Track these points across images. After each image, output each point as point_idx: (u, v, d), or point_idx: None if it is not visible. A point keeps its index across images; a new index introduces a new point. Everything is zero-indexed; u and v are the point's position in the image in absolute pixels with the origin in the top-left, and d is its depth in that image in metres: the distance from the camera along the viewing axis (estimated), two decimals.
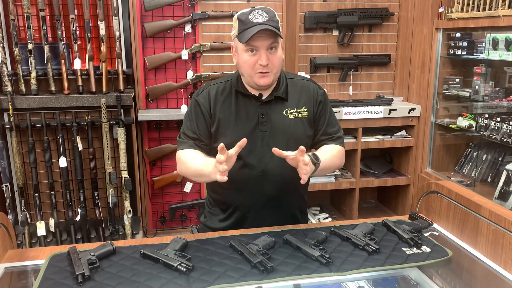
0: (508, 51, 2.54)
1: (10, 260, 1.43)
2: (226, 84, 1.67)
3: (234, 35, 1.58)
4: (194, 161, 1.56)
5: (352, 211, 3.41)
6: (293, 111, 1.65)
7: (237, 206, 1.68)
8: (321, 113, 1.70)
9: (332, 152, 1.66)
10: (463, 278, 1.47)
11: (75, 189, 2.98)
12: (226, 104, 1.64)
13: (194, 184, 3.37)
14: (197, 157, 1.58)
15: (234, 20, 1.57)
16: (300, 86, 1.70)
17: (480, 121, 2.84)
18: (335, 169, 1.79)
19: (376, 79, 3.59)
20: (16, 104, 2.79)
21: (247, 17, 1.51)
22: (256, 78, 1.56)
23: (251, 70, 1.55)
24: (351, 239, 1.48)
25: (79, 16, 3.00)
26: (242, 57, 1.56)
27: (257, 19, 1.50)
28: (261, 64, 1.52)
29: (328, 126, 1.71)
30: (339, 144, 1.71)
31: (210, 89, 1.66)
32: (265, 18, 1.51)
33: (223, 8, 3.17)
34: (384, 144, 3.34)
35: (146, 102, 3.20)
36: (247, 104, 1.64)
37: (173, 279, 1.27)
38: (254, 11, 1.52)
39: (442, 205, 1.65)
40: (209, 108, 1.63)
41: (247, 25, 1.50)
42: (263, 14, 1.52)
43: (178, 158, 1.64)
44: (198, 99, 1.66)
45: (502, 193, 2.66)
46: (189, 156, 1.59)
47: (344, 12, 3.34)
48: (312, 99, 1.68)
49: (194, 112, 1.65)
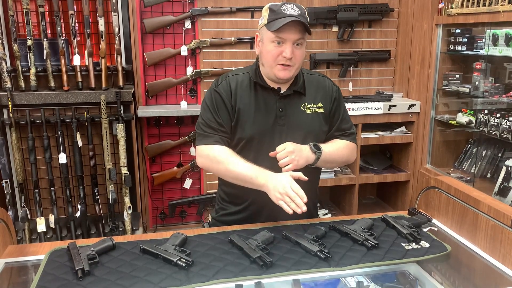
0: (508, 47, 2.54)
1: (10, 255, 1.43)
2: (244, 76, 1.65)
3: (263, 23, 1.56)
4: (239, 166, 1.53)
5: (351, 207, 3.41)
6: (310, 106, 1.65)
7: (252, 200, 1.66)
8: (336, 109, 1.71)
9: (339, 145, 1.68)
10: (461, 273, 1.47)
11: (75, 185, 2.98)
12: (246, 96, 1.62)
13: (194, 181, 3.37)
14: (239, 160, 1.55)
15: (265, 10, 1.56)
16: (316, 82, 1.70)
17: (480, 117, 2.84)
18: (344, 163, 1.80)
19: (376, 75, 3.59)
20: (16, 100, 2.79)
21: (279, 8, 1.52)
22: (276, 69, 1.55)
23: (273, 61, 1.54)
24: (350, 234, 1.49)
25: (78, 12, 2.99)
26: (266, 46, 1.55)
27: (289, 11, 1.51)
28: (285, 56, 1.52)
29: (342, 122, 1.72)
30: (351, 140, 1.73)
31: (230, 80, 1.64)
32: (297, 12, 1.52)
33: (223, 4, 3.16)
34: (383, 140, 3.35)
35: (145, 98, 3.20)
36: (266, 97, 1.62)
37: (172, 274, 1.27)
38: (287, 4, 1.53)
39: (441, 200, 1.65)
40: (230, 98, 1.60)
41: (278, 15, 1.51)
42: (295, 8, 1.53)
43: (206, 154, 1.59)
44: (219, 90, 1.61)
45: (502, 189, 2.66)
46: (227, 156, 1.56)
47: (344, 8, 3.34)
48: (328, 95, 1.69)
49: (216, 103, 1.60)
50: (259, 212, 1.67)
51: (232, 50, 3.24)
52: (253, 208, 1.68)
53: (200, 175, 3.37)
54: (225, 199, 1.76)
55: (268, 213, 1.65)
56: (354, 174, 3.36)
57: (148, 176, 3.30)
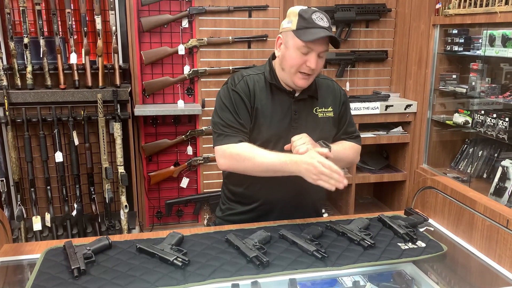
0: (504, 47, 2.55)
1: (5, 254, 1.42)
2: (259, 77, 1.63)
3: (290, 28, 1.53)
4: (266, 157, 1.49)
5: (348, 207, 3.42)
6: (321, 110, 1.67)
7: (263, 201, 1.66)
8: (344, 113, 1.73)
9: (345, 145, 1.71)
10: (458, 273, 1.48)
11: (71, 184, 2.97)
12: (263, 97, 1.60)
13: (191, 180, 3.36)
14: (265, 152, 1.51)
15: (293, 14, 1.53)
16: (326, 86, 1.71)
17: (476, 117, 2.85)
18: (349, 164, 1.82)
19: (373, 75, 3.59)
20: (12, 98, 2.78)
21: (310, 16, 1.50)
22: (296, 77, 1.55)
23: (296, 69, 1.54)
24: (347, 234, 1.49)
25: (75, 10, 2.99)
26: (291, 53, 1.53)
27: (319, 22, 1.50)
28: (309, 66, 1.52)
29: (348, 125, 1.75)
30: (357, 142, 1.76)
31: (247, 79, 1.61)
32: (326, 23, 1.52)
33: (220, 3, 3.16)
34: (380, 140, 3.35)
35: (142, 97, 3.19)
36: (281, 99, 1.62)
37: (169, 273, 1.27)
38: (317, 13, 1.52)
39: (437, 200, 1.65)
40: (249, 99, 1.58)
41: (310, 24, 1.49)
42: (324, 19, 1.53)
43: (229, 153, 1.54)
44: (237, 90, 1.58)
45: (498, 189, 2.67)
46: (253, 151, 1.51)
47: (341, 7, 3.34)
48: (337, 99, 1.71)
49: (236, 103, 1.57)
50: (270, 211, 1.67)
51: (229, 49, 3.24)
52: (264, 208, 1.68)
53: (197, 174, 3.37)
54: (231, 198, 1.75)
55: (279, 213, 1.66)
56: (350, 174, 3.36)
57: (145, 175, 3.30)
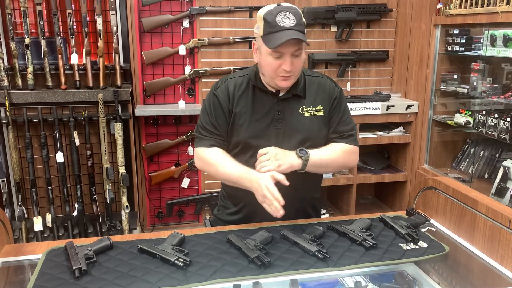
0: (506, 47, 2.54)
1: (6, 254, 1.42)
2: (244, 79, 1.64)
3: (259, 34, 1.52)
4: (226, 167, 1.56)
5: (349, 207, 3.41)
6: (309, 109, 1.63)
7: (247, 201, 1.65)
8: (335, 109, 1.66)
9: (334, 149, 1.62)
10: (459, 273, 1.47)
11: (72, 184, 2.97)
12: (243, 99, 1.61)
13: (192, 180, 3.36)
14: (228, 162, 1.56)
15: (259, 19, 1.51)
16: (317, 84, 1.66)
17: (478, 117, 2.84)
18: (340, 168, 1.78)
19: (374, 75, 3.59)
20: (13, 98, 2.78)
21: (274, 18, 1.46)
22: (277, 80, 1.55)
23: (273, 73, 1.53)
24: (348, 235, 1.48)
25: (76, 11, 2.99)
26: (265, 59, 1.53)
27: (284, 23, 1.46)
28: (284, 69, 1.50)
29: (340, 124, 1.66)
30: (349, 142, 1.65)
31: (228, 83, 1.63)
32: (292, 21, 1.47)
33: (221, 3, 3.16)
34: (381, 140, 3.35)
35: (143, 97, 3.19)
36: (263, 100, 1.62)
37: (170, 274, 1.27)
38: (282, 13, 1.47)
39: (439, 201, 1.65)
40: (227, 102, 1.61)
41: (274, 28, 1.46)
42: (291, 16, 1.47)
43: (200, 156, 1.63)
44: (217, 94, 1.62)
45: (499, 189, 2.66)
46: (218, 159, 1.58)
47: (342, 7, 3.33)
48: (327, 97, 1.65)
49: (213, 107, 1.62)
50: (253, 214, 1.67)
51: (230, 49, 3.24)
52: (247, 209, 1.69)
53: (198, 174, 3.37)
54: (226, 196, 1.78)
55: (262, 216, 1.62)
56: (352, 174, 3.36)
57: (146, 175, 3.30)
